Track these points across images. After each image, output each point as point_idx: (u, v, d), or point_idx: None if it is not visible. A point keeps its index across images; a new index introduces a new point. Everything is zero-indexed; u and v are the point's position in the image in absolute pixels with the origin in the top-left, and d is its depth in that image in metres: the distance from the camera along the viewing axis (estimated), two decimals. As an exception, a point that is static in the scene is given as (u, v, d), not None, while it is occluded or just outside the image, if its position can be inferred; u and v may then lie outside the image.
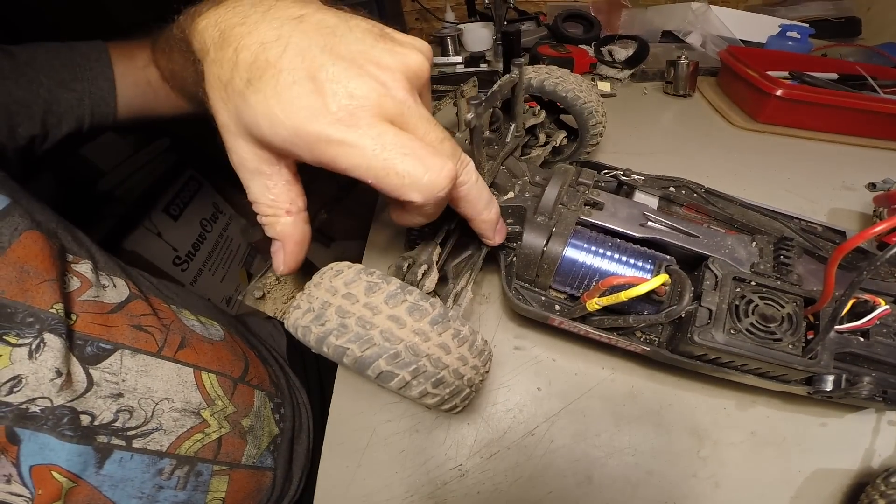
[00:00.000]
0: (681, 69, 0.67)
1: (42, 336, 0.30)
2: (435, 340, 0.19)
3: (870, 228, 0.19)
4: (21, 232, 0.32)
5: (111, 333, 0.34)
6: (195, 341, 0.40)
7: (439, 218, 0.26)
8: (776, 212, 0.31)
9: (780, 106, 0.57)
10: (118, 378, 0.33)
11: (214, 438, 0.37)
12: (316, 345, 0.20)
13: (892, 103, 0.56)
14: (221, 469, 0.37)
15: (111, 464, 0.31)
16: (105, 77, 0.44)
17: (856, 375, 0.25)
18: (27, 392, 0.28)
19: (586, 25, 0.88)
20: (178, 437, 0.35)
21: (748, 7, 1.03)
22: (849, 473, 0.28)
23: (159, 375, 0.35)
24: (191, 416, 0.36)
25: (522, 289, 0.32)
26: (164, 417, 0.34)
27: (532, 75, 0.40)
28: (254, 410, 0.41)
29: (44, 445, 0.29)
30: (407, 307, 0.19)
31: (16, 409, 0.28)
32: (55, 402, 0.29)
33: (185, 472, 0.35)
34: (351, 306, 0.19)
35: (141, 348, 0.35)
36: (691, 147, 0.57)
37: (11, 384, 0.28)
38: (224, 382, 0.40)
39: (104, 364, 0.33)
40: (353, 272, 0.21)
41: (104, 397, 0.32)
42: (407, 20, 1.14)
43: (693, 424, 0.31)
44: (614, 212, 0.30)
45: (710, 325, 0.24)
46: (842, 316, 0.24)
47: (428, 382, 0.19)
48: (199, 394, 0.38)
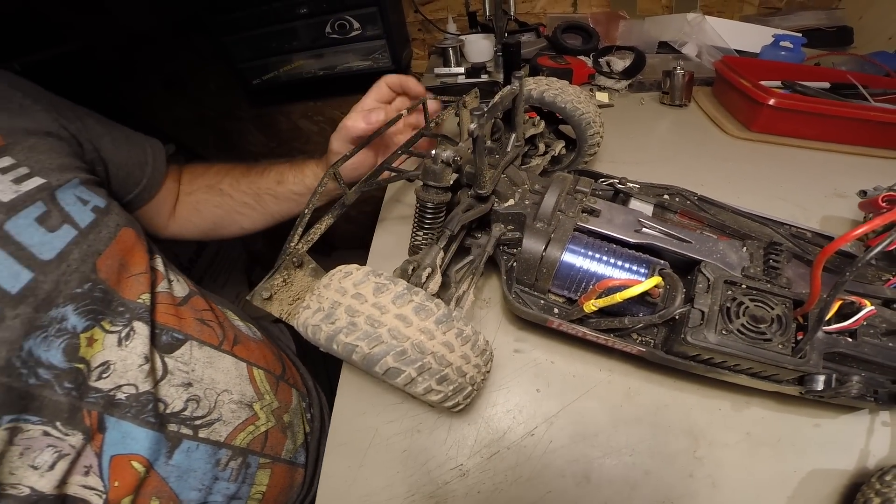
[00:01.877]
0: (676, 79, 0.68)
1: (132, 324, 0.32)
2: (439, 339, 0.20)
3: (851, 231, 0.20)
4: (120, 227, 0.35)
5: (182, 325, 0.37)
6: (244, 339, 0.43)
7: (442, 223, 0.28)
8: (767, 218, 0.32)
9: (772, 115, 0.58)
10: (188, 368, 0.35)
11: (262, 431, 0.39)
12: (326, 343, 0.21)
13: (882, 112, 0.57)
14: (266, 462, 0.39)
15: (179, 453, 0.33)
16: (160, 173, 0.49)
17: (845, 375, 0.26)
18: (115, 378, 0.30)
19: (585, 37, 0.90)
20: (234, 429, 0.37)
21: (743, 17, 1.04)
22: (845, 474, 0.29)
23: (221, 368, 0.38)
24: (245, 409, 0.38)
25: (522, 292, 0.33)
26: (224, 409, 0.36)
27: (532, 87, 0.42)
28: (292, 407, 0.44)
29: (126, 434, 0.30)
30: (413, 307, 0.20)
31: (105, 395, 0.30)
32: (140, 389, 0.31)
33: (238, 463, 0.37)
34: (360, 306, 0.20)
35: (206, 341, 0.38)
36: (687, 156, 0.59)
37: (101, 370, 0.30)
38: (270, 379, 0.42)
39: (177, 353, 0.35)
40: (362, 274, 0.22)
41: (176, 386, 0.34)
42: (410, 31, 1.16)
43: (689, 425, 0.31)
44: (610, 218, 0.31)
45: (703, 326, 0.25)
46: (829, 317, 0.25)
47: (432, 379, 0.20)
48: (252, 388, 0.40)
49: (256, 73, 1.10)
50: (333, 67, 1.07)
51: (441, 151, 0.28)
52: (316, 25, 0.99)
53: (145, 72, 1.31)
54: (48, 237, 0.29)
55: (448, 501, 0.29)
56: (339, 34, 1.00)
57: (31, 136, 0.33)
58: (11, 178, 0.29)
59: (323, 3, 0.95)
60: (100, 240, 0.33)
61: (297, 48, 1.04)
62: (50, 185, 0.31)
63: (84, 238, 0.32)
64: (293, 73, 1.09)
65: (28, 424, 0.27)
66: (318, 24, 0.98)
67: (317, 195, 0.31)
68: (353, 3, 0.94)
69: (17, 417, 0.26)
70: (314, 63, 1.07)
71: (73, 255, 0.30)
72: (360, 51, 1.03)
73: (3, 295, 0.26)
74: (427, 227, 0.32)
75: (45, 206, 0.30)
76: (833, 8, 0.99)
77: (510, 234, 0.33)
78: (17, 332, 0.26)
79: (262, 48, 1.05)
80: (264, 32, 1.01)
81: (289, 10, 0.96)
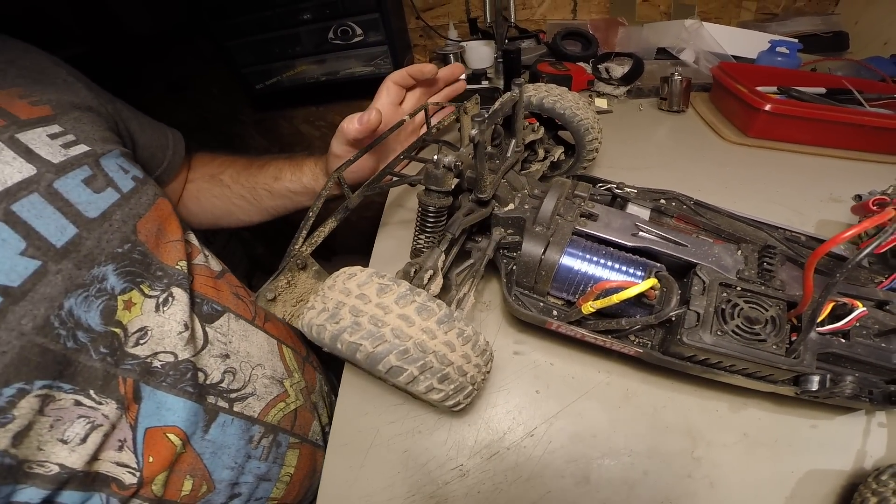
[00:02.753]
0: (674, 85, 0.69)
1: (170, 290, 0.32)
2: (441, 338, 0.21)
3: (840, 234, 0.21)
4: (158, 197, 0.36)
5: (220, 297, 0.38)
6: (272, 318, 0.43)
7: (444, 227, 0.29)
8: (761, 222, 0.33)
9: (769, 120, 0.59)
10: (226, 339, 0.36)
11: (292, 409, 0.40)
12: (330, 342, 0.21)
13: (877, 117, 0.58)
14: (295, 441, 0.40)
15: (216, 427, 0.33)
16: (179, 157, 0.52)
17: (839, 375, 0.26)
18: (151, 345, 0.30)
19: (584, 43, 0.91)
20: (266, 404, 0.37)
21: (741, 23, 1.05)
22: (842, 474, 0.29)
23: (255, 342, 0.38)
24: (276, 385, 0.39)
25: (522, 295, 0.33)
26: (257, 383, 0.37)
27: (531, 93, 0.43)
28: (317, 389, 0.45)
29: (161, 405, 0.30)
30: (416, 307, 0.21)
31: (142, 363, 0.29)
32: (180, 357, 0.31)
33: (270, 441, 0.37)
34: (364, 306, 0.21)
35: (241, 314, 0.39)
36: (684, 161, 0.59)
37: (138, 335, 0.30)
38: (297, 358, 0.43)
39: (216, 324, 0.36)
40: (366, 275, 0.22)
41: (215, 356, 0.34)
42: (411, 37, 1.18)
43: (687, 426, 0.32)
44: (608, 222, 0.32)
45: (698, 327, 0.25)
46: (823, 318, 0.26)
47: (434, 378, 0.21)
48: (283, 364, 0.41)
49: (260, 77, 1.12)
50: (336, 73, 1.08)
51: (443, 156, 0.29)
52: (319, 31, 1.00)
53: (149, 76, 1.32)
54: (94, 197, 0.31)
55: (448, 501, 0.29)
56: (342, 40, 1.01)
57: (76, 110, 0.34)
58: (61, 143, 0.31)
59: (326, 9, 0.96)
60: (140, 204, 0.34)
61: (300, 54, 1.05)
62: (95, 153, 0.33)
63: (126, 201, 0.33)
64: (296, 79, 1.10)
65: (60, 393, 0.26)
66: (321, 30, 1.00)
67: (322, 199, 0.32)
68: (355, 10, 0.96)
69: (51, 384, 0.25)
70: (317, 68, 1.08)
71: (116, 216, 0.31)
72: (363, 57, 1.04)
73: (49, 248, 0.26)
74: (429, 231, 0.33)
75: (91, 170, 0.31)
76: (829, 13, 1.00)
77: (510, 237, 0.34)
78: (59, 289, 0.26)
79: (265, 53, 1.06)
80: (268, 38, 1.03)
81: (292, 16, 0.98)
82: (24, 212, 0.26)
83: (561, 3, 1.08)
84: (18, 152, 0.28)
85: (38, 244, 0.26)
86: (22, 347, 0.24)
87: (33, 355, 0.24)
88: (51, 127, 0.31)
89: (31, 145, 0.29)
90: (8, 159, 0.27)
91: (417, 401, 0.34)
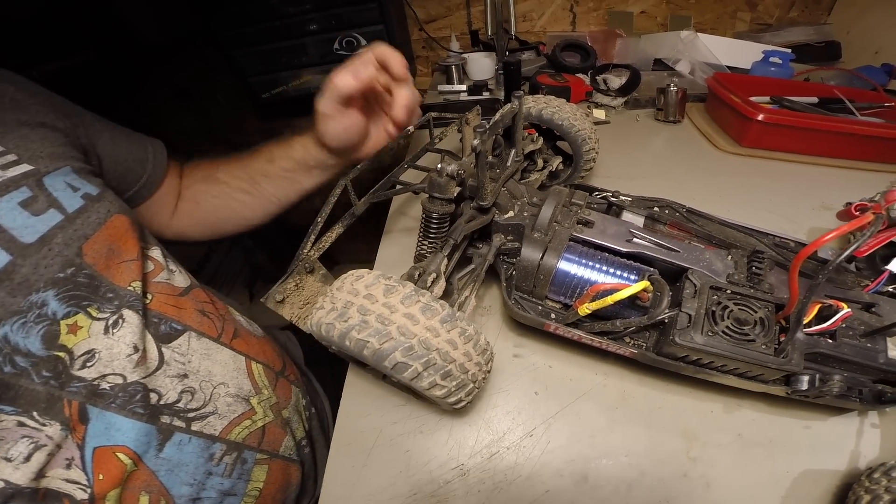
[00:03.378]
0: (670, 96, 0.71)
1: (121, 312, 0.32)
2: (444, 336, 0.22)
3: (822, 237, 0.22)
4: (112, 214, 0.35)
5: (181, 315, 0.37)
6: (244, 333, 0.43)
7: (446, 233, 0.30)
8: (751, 229, 0.34)
9: (762, 130, 0.60)
10: (185, 359, 0.35)
11: (259, 426, 0.39)
12: (339, 339, 0.23)
13: (868, 125, 0.59)
14: (263, 458, 0.39)
15: (171, 446, 0.32)
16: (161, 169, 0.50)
17: (827, 375, 0.27)
18: (99, 367, 0.30)
19: (583, 55, 0.93)
20: (229, 423, 0.36)
21: (736, 33, 1.07)
22: (837, 474, 0.30)
23: (218, 360, 0.38)
24: (241, 403, 0.38)
25: (521, 299, 0.34)
26: (219, 402, 0.36)
27: (531, 105, 0.44)
28: (291, 404, 0.44)
29: (110, 425, 0.30)
30: (420, 307, 0.22)
31: (88, 385, 0.29)
32: (129, 379, 0.31)
33: (233, 458, 0.36)
34: (371, 305, 0.22)
35: (205, 332, 0.38)
36: (680, 171, 0.61)
37: (85, 358, 0.29)
38: (269, 374, 0.42)
39: (175, 343, 0.35)
40: (373, 277, 0.24)
41: (171, 377, 0.34)
42: (414, 49, 1.20)
43: (682, 427, 0.32)
44: (603, 229, 0.33)
45: (690, 328, 0.26)
46: (810, 320, 0.27)
47: (437, 374, 0.22)
48: (250, 382, 0.40)
49: (266, 87, 1.14)
50: (340, 83, 1.11)
51: (446, 165, 0.30)
52: (325, 42, 1.03)
53: (157, 83, 1.34)
54: (31, 220, 0.30)
55: (449, 500, 0.30)
56: (347, 51, 1.03)
57: (24, 127, 0.34)
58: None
59: (332, 20, 0.99)
60: (88, 224, 0.33)
61: (306, 63, 1.07)
62: (38, 172, 0.32)
63: (70, 223, 0.32)
64: (301, 88, 1.12)
65: (2, 414, 0.26)
66: (327, 40, 1.02)
67: (329, 205, 0.33)
68: (360, 21, 0.98)
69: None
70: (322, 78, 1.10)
71: (57, 239, 0.30)
72: (366, 67, 1.06)
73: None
74: (432, 237, 0.34)
75: (31, 191, 0.31)
76: (821, 23, 1.02)
77: (510, 244, 0.35)
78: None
79: (272, 62, 1.08)
80: (275, 47, 1.05)
81: (299, 27, 1.00)
82: None
83: (560, 16, 1.10)
84: None
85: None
86: None
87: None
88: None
89: None
90: None
91: (420, 402, 0.34)
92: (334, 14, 0.98)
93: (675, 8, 1.07)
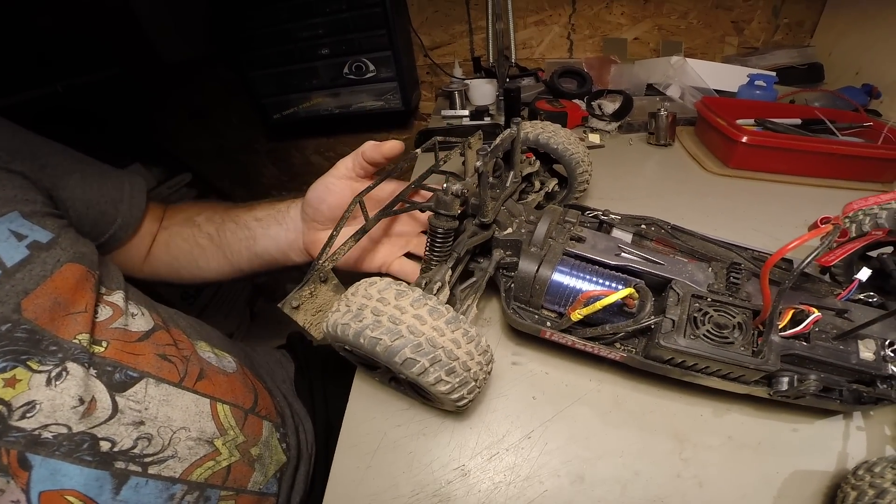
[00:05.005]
0: (660, 120, 0.74)
1: (64, 364, 0.31)
2: (449, 336, 0.25)
3: (784, 246, 0.25)
4: (63, 263, 0.34)
5: (138, 361, 0.36)
6: (211, 373, 0.41)
7: (450, 248, 0.33)
8: (731, 244, 0.37)
9: (746, 152, 0.63)
10: (141, 406, 0.34)
11: (224, 466, 0.38)
12: (353, 338, 0.25)
13: (847, 145, 0.62)
14: (228, 494, 0.38)
15: (127, 489, 0.32)
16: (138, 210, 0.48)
17: (804, 375, 0.29)
18: (40, 418, 0.29)
19: (580, 81, 0.97)
20: (190, 465, 0.35)
21: (725, 57, 1.11)
22: (826, 474, 0.31)
23: (179, 405, 0.36)
24: (204, 445, 0.37)
25: (519, 308, 0.37)
26: (179, 445, 0.35)
27: (529, 130, 0.48)
28: (262, 440, 0.42)
29: (55, 471, 0.29)
30: (428, 309, 0.25)
31: (28, 435, 0.28)
32: (75, 429, 0.30)
33: (195, 497, 0.35)
34: (384, 307, 0.25)
35: (164, 378, 0.36)
36: (670, 192, 0.64)
37: (25, 409, 0.29)
38: (237, 413, 0.41)
39: (130, 392, 0.34)
40: (385, 283, 0.26)
41: (126, 424, 0.33)
42: (419, 74, 1.25)
43: (674, 429, 0.34)
44: (594, 244, 0.36)
45: (674, 331, 0.29)
46: (785, 324, 0.29)
47: (442, 370, 0.24)
48: (214, 424, 0.38)
49: (278, 108, 1.18)
50: (348, 106, 1.15)
51: (451, 185, 0.34)
52: (335, 66, 1.08)
53: (174, 102, 1.39)
54: None
55: (450, 499, 0.31)
56: (356, 75, 1.08)
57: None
58: None
59: (343, 45, 1.04)
60: (30, 278, 0.31)
61: (317, 86, 1.12)
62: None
63: (8, 277, 0.30)
64: (311, 110, 1.17)
65: None
66: (338, 64, 1.07)
67: (345, 220, 0.36)
68: (370, 47, 1.03)
69: None
70: (331, 101, 1.15)
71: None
72: (374, 91, 1.11)
73: None
74: (437, 250, 0.37)
75: None
76: (805, 45, 1.05)
77: (508, 258, 0.38)
78: None
79: (285, 84, 1.13)
80: (288, 70, 1.10)
81: (312, 51, 1.06)
82: None
83: (558, 43, 1.16)
84: None
85: None
86: None
87: None
88: None
89: None
90: None
91: (423, 406, 0.36)
92: (345, 39, 1.03)
93: (666, 34, 1.11)
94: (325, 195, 0.42)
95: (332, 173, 0.42)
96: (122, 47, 1.21)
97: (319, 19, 1.01)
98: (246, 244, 0.48)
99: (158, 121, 1.44)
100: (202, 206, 0.53)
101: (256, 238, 0.47)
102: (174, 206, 0.54)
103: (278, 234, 0.46)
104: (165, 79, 1.30)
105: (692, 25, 1.10)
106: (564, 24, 1.12)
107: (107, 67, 1.21)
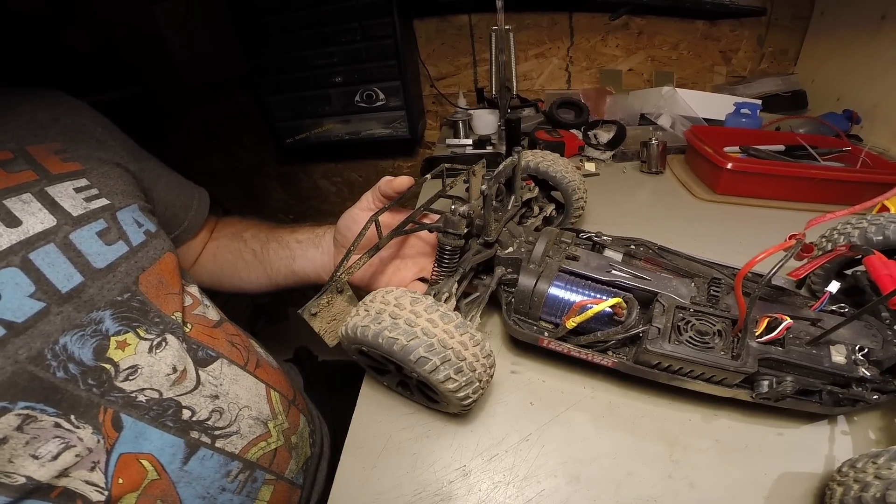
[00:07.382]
0: (652, 149, 0.78)
1: (164, 336, 0.36)
2: (457, 339, 0.28)
3: (753, 259, 0.28)
4: (165, 251, 0.40)
5: (215, 344, 0.41)
6: (264, 363, 0.47)
7: (457, 264, 0.37)
8: (712, 262, 0.41)
9: (732, 178, 0.66)
10: (218, 382, 0.39)
11: (272, 448, 0.42)
12: (372, 338, 0.28)
13: (828, 170, 0.65)
14: (271, 478, 0.41)
15: (195, 460, 0.35)
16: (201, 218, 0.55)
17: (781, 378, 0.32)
18: (139, 382, 0.33)
19: (577, 111, 1.01)
20: (248, 443, 0.39)
21: (714, 86, 1.16)
22: (814, 476, 0.32)
23: (245, 385, 0.41)
24: (260, 425, 0.41)
25: (519, 320, 0.40)
26: (242, 423, 0.39)
27: (529, 159, 0.52)
28: (299, 430, 0.46)
29: (140, 434, 0.32)
30: (439, 314, 0.28)
31: (126, 396, 0.32)
32: (165, 395, 0.34)
33: (246, 476, 0.39)
34: (400, 311, 0.28)
35: (234, 360, 0.42)
36: (661, 218, 0.67)
37: (129, 371, 0.33)
38: (283, 401, 0.46)
39: (210, 368, 0.39)
40: (400, 291, 0.30)
41: (205, 396, 0.37)
42: (425, 104, 1.31)
43: (664, 433, 0.36)
44: (587, 262, 0.40)
45: (659, 337, 0.32)
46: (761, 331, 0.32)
47: (451, 369, 0.28)
48: (269, 407, 0.43)
49: (291, 132, 1.23)
50: (358, 133, 1.20)
51: (458, 206, 0.38)
52: (347, 94, 1.13)
53: (191, 121, 1.43)
54: (104, 249, 0.34)
55: (452, 498, 0.32)
56: (366, 103, 1.13)
57: (105, 165, 0.39)
58: (84, 197, 0.35)
59: (355, 73, 1.09)
60: (146, 258, 0.37)
61: (329, 113, 1.17)
62: (113, 206, 0.36)
63: (133, 255, 0.36)
64: (322, 136, 1.22)
65: (43, 415, 0.28)
66: (350, 92, 1.13)
67: (362, 237, 0.39)
68: (380, 77, 1.09)
69: (33, 406, 0.28)
70: (342, 127, 1.20)
71: (121, 268, 0.35)
72: (382, 119, 1.16)
73: (54, 293, 0.30)
74: (445, 265, 0.40)
75: (106, 223, 0.35)
76: (788, 73, 1.09)
77: (509, 276, 0.41)
78: (57, 327, 0.29)
79: (299, 110, 1.18)
80: (303, 96, 1.15)
81: (326, 78, 1.11)
82: (38, 260, 0.30)
83: (557, 75, 1.22)
84: (44, 204, 0.32)
85: (46, 289, 0.30)
86: (13, 373, 0.27)
87: (22, 380, 0.27)
88: (78, 181, 0.35)
89: (57, 198, 0.33)
90: (34, 210, 0.31)
91: (427, 410, 0.39)
92: (357, 69, 1.08)
93: (658, 65, 1.17)
94: (350, 223, 0.46)
95: (357, 206, 0.47)
96: (147, 68, 1.27)
97: (335, 48, 1.06)
98: (286, 262, 0.53)
99: (174, 139, 1.48)
100: (249, 223, 0.58)
101: (296, 258, 0.52)
102: (224, 220, 0.60)
103: (315, 256, 0.51)
104: (185, 99, 1.35)
105: (683, 56, 1.15)
106: (563, 57, 1.19)
107: (130, 86, 1.27)
